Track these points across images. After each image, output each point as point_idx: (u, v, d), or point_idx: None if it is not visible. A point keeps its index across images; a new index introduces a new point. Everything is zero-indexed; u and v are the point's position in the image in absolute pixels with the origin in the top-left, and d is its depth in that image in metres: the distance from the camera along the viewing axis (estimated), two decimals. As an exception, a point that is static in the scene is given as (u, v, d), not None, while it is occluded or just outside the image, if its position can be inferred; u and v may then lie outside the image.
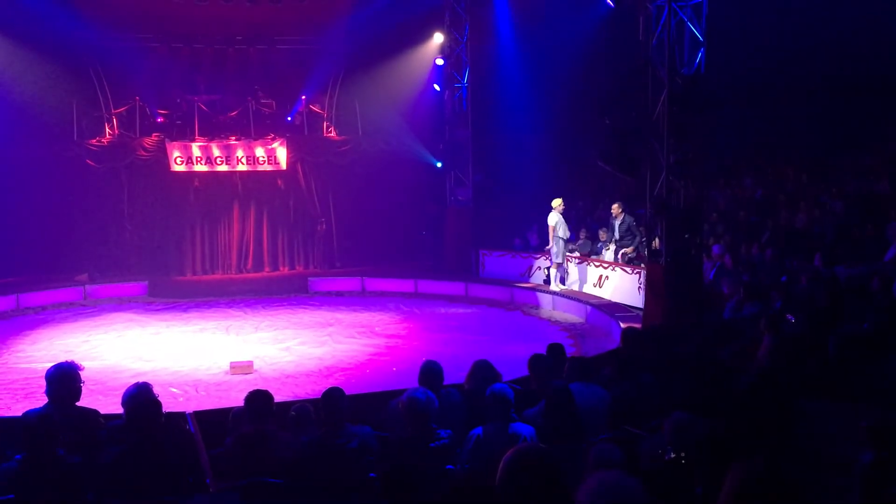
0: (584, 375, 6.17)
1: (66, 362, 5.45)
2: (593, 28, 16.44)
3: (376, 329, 13.82)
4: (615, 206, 15.23)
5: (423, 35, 18.52)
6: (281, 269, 19.34)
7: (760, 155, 19.16)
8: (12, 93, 16.37)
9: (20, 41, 16.09)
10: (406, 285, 17.46)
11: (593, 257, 15.78)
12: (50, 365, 6.02)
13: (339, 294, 17.34)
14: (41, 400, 8.85)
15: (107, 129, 18.19)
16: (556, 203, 15.32)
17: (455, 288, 17.15)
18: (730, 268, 12.59)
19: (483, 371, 6.29)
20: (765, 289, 10.65)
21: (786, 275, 11.54)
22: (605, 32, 16.04)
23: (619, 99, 12.20)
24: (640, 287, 13.41)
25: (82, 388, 5.43)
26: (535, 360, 6.63)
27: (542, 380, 6.26)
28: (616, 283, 14.51)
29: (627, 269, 14.24)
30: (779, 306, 9.69)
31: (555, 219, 15.27)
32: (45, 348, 12.56)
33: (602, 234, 16.18)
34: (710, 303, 11.27)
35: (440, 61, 18.37)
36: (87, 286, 16.99)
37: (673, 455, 3.92)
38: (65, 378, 5.29)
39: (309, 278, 18.12)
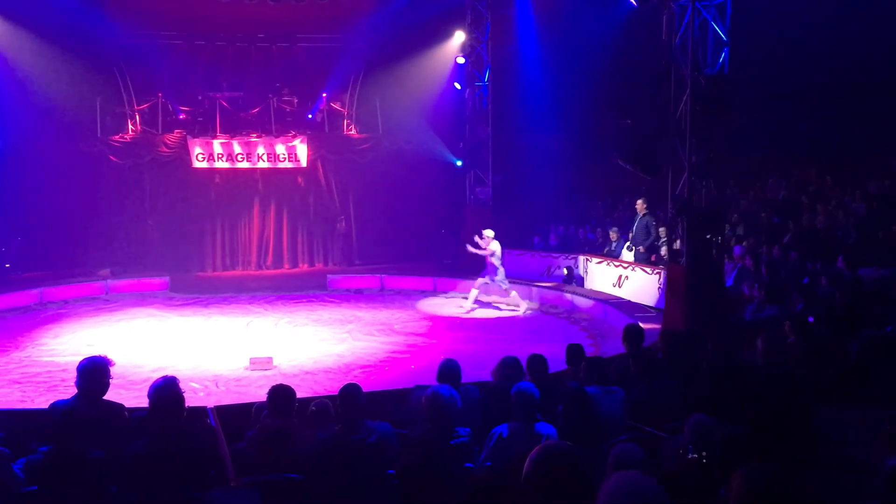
0: (601, 378, 6.12)
1: (99, 357, 5.49)
2: (616, 27, 16.35)
3: (395, 327, 13.85)
4: (639, 201, 15.15)
5: (444, 34, 18.52)
6: (300, 265, 19.45)
7: (783, 156, 18.99)
8: (38, 89, 16.55)
9: (46, 39, 16.24)
10: (425, 283, 17.48)
11: (611, 257, 15.72)
12: (71, 358, 6.15)
13: (358, 291, 17.38)
14: (63, 393, 8.99)
15: (130, 126, 18.36)
16: (489, 233, 15.09)
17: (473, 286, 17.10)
18: (751, 269, 12.50)
19: (509, 368, 6.28)
20: (786, 291, 10.57)
21: (807, 277, 11.44)
22: (627, 32, 15.95)
23: (641, 99, 12.17)
24: (660, 287, 13.35)
25: (109, 383, 5.48)
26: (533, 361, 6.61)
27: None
28: (636, 283, 14.44)
29: (647, 270, 14.18)
30: (800, 308, 9.62)
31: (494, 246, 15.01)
32: (67, 342, 12.69)
33: (612, 234, 16.14)
34: (730, 304, 11.19)
35: (461, 60, 18.37)
36: (109, 281, 17.16)
37: (694, 455, 3.90)
38: (96, 372, 5.33)
39: (328, 275, 18.17)
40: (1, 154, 16.23)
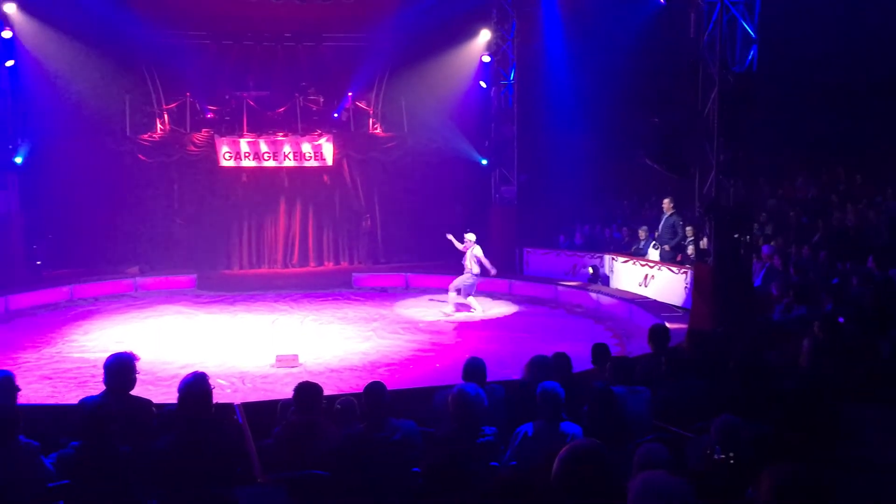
0: (627, 377, 6.10)
1: (125, 352, 5.57)
2: (643, 25, 16.24)
3: (420, 325, 13.88)
4: (666, 200, 15.06)
5: (470, 32, 18.50)
6: (326, 264, 19.55)
7: (813, 154, 18.76)
8: (68, 88, 16.80)
9: (76, 38, 16.47)
10: (449, 282, 17.42)
11: (638, 256, 15.64)
12: (101, 355, 6.25)
13: (383, 290, 17.44)
14: (93, 388, 9.11)
15: (158, 125, 18.57)
16: (470, 237, 14.83)
17: (499, 285, 17.10)
18: (779, 269, 12.38)
19: (539, 368, 6.27)
20: (815, 291, 10.45)
21: (837, 277, 11.30)
22: (654, 30, 15.83)
23: (668, 97, 12.06)
24: (686, 287, 13.25)
25: (136, 379, 5.54)
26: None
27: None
28: (662, 282, 14.35)
29: (674, 269, 14.08)
30: (830, 309, 9.50)
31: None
32: (97, 338, 12.86)
33: (641, 233, 16.04)
34: (758, 304, 11.08)
35: (487, 58, 18.35)
36: (138, 278, 17.38)
37: (722, 456, 3.87)
38: (122, 368, 5.41)
39: (353, 274, 18.25)
40: (32, 152, 16.50)
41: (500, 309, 15.43)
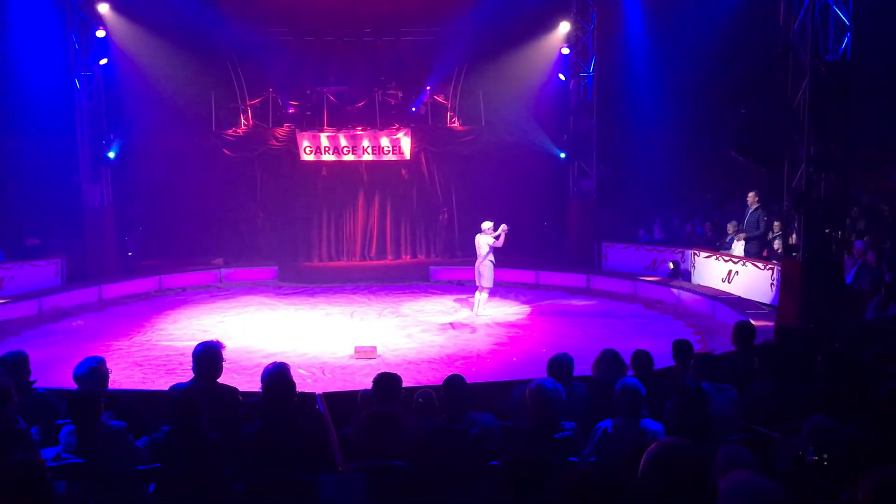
0: (711, 375, 5.94)
1: (212, 341, 5.73)
2: (729, 12, 15.76)
3: (497, 318, 13.84)
4: (751, 194, 14.63)
5: (549, 24, 18.32)
6: (403, 257, 19.71)
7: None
8: (157, 85, 17.37)
9: (166, 37, 17.01)
10: (527, 276, 17.40)
11: (722, 251, 15.23)
12: (189, 343, 6.47)
13: (459, 283, 17.44)
14: (181, 375, 9.42)
15: (242, 120, 19.01)
16: (486, 225, 14.08)
17: (576, 280, 16.97)
18: (873, 265, 11.87)
19: (610, 362, 6.18)
20: (912, 289, 9.98)
21: (936, 274, 10.76)
22: (741, 17, 15.34)
23: (755, 87, 11.67)
24: (772, 283, 12.84)
25: (223, 367, 5.70)
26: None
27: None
28: (747, 278, 13.95)
29: (759, 265, 13.67)
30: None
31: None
32: (184, 327, 13.30)
33: (730, 228, 15.60)
34: (850, 302, 10.65)
35: (566, 50, 18.15)
36: (223, 270, 17.87)
37: (815, 458, 3.73)
38: (210, 356, 5.57)
39: (430, 267, 18.37)
40: (123, 147, 17.16)
41: (512, 312, 15.21)
